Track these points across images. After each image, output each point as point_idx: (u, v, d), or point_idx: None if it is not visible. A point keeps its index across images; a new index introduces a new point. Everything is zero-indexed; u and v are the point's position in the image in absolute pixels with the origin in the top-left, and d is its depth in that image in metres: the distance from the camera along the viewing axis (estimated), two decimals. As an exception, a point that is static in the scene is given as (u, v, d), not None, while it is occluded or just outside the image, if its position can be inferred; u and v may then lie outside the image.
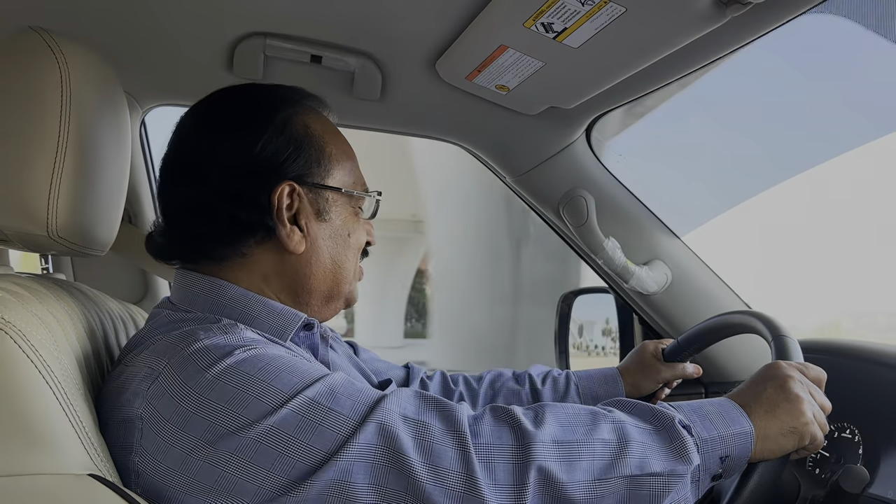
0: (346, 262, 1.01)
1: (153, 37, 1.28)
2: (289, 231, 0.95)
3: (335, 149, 1.01)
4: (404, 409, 0.79)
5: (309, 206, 0.97)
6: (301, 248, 0.96)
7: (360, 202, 1.03)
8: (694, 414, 0.86)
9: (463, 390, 1.34)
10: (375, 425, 0.76)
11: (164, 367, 0.79)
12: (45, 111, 0.85)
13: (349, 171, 1.02)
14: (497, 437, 0.78)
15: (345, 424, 0.76)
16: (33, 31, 0.88)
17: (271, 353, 0.82)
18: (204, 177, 0.95)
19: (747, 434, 0.86)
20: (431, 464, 0.75)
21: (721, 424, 0.85)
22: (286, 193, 0.94)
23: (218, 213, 0.94)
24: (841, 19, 1.10)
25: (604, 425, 0.82)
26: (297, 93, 1.03)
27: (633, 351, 1.40)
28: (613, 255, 1.59)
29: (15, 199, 0.84)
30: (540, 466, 0.77)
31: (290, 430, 0.75)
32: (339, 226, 1.00)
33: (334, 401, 0.77)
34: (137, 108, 1.52)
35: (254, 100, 1.00)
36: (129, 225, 1.60)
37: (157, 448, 0.76)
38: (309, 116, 1.00)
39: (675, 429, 0.82)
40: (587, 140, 1.59)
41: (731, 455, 0.85)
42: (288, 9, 1.20)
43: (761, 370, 0.95)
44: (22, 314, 0.74)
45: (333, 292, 1.01)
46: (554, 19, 1.06)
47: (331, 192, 0.99)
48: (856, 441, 1.16)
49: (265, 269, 0.96)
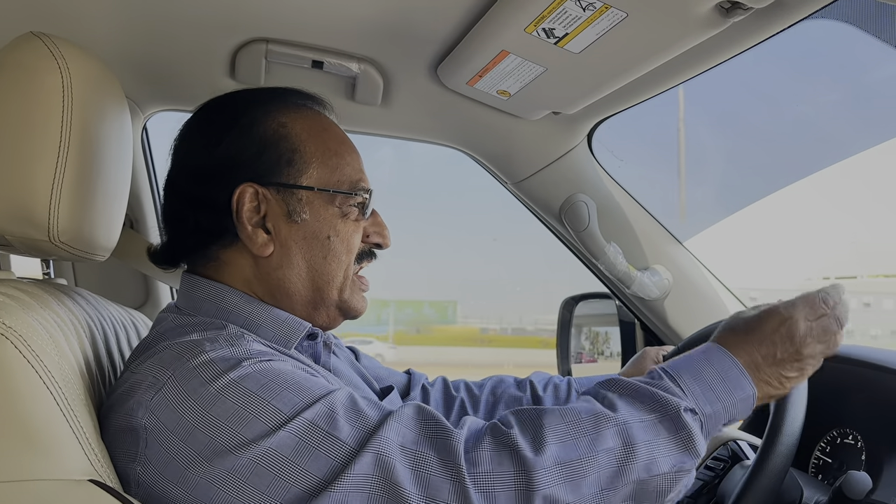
0: (326, 264, 0.96)
1: (155, 42, 1.28)
2: (250, 233, 0.93)
3: (316, 147, 0.97)
4: (403, 438, 0.77)
5: (277, 208, 0.94)
6: (267, 250, 0.94)
7: (348, 201, 0.98)
8: (696, 385, 0.83)
9: (464, 396, 1.33)
10: (372, 456, 0.74)
11: (168, 378, 0.79)
12: (47, 116, 0.85)
13: (333, 170, 0.97)
14: (497, 465, 0.76)
15: (341, 451, 0.75)
16: (35, 36, 0.88)
17: (276, 367, 0.81)
18: (175, 183, 0.98)
19: (750, 397, 0.84)
20: (429, 496, 0.74)
21: (724, 393, 0.83)
22: (248, 195, 0.93)
23: (185, 219, 0.96)
24: (842, 24, 1.11)
25: (606, 432, 0.79)
26: (283, 93, 1.02)
27: (634, 357, 1.40)
28: (615, 261, 1.59)
29: (16, 203, 0.84)
30: (546, 495, 0.75)
31: (287, 452, 0.74)
32: (315, 227, 0.95)
33: (332, 425, 0.76)
34: (139, 114, 1.52)
35: (227, 104, 1.00)
36: (130, 230, 1.60)
37: (158, 459, 0.76)
38: (288, 116, 0.98)
39: (681, 419, 0.80)
40: (588, 145, 1.59)
41: (733, 418, 0.84)
42: (289, 15, 1.20)
43: (762, 313, 0.91)
44: (23, 319, 0.74)
45: (317, 298, 0.97)
46: (555, 25, 1.06)
47: (305, 192, 0.95)
48: (858, 447, 1.16)
49: (244, 273, 0.96)
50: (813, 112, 9.48)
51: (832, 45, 4.33)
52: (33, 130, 0.84)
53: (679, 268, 1.65)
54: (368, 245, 1.02)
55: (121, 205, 1.03)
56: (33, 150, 0.84)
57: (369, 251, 1.03)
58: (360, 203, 0.99)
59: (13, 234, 0.86)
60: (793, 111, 9.63)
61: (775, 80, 8.14)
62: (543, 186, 1.64)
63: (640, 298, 1.66)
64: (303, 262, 0.95)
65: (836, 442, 1.20)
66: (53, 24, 1.16)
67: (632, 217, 1.64)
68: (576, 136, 1.55)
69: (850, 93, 7.28)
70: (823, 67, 8.87)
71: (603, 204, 1.61)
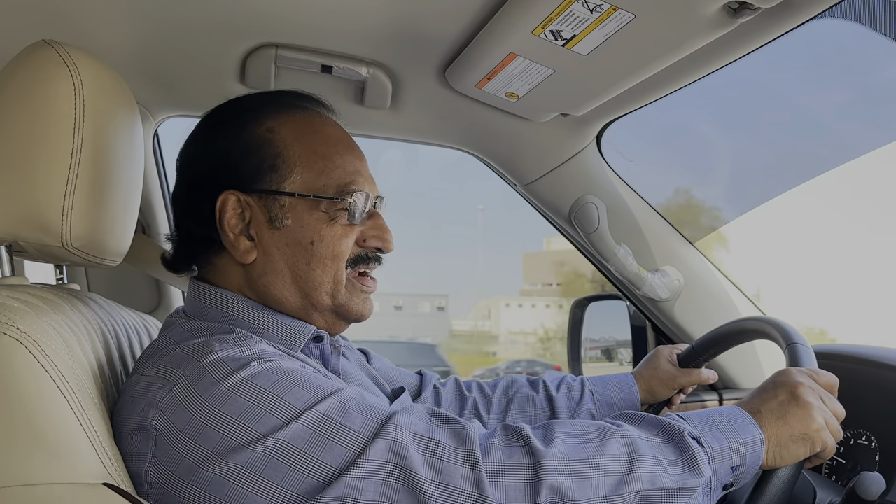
0: (310, 271, 0.94)
1: (165, 49, 1.29)
2: (233, 240, 0.94)
3: (301, 150, 0.95)
4: (415, 427, 0.78)
5: (260, 214, 0.94)
6: (249, 257, 0.94)
7: (335, 206, 0.95)
8: (703, 424, 0.85)
9: (477, 397, 1.32)
10: (386, 442, 0.75)
11: (179, 379, 0.80)
12: (59, 123, 0.86)
13: (319, 174, 0.95)
14: (508, 456, 0.78)
15: (355, 441, 0.76)
16: (47, 44, 0.89)
17: (286, 366, 0.82)
18: (174, 192, 1.01)
19: (758, 442, 0.85)
20: (442, 482, 0.75)
21: (731, 433, 0.84)
22: (231, 203, 0.93)
23: (181, 226, 0.99)
24: (851, 23, 1.10)
25: (614, 441, 0.81)
26: (278, 97, 1.01)
27: (648, 356, 1.39)
28: (625, 262, 1.59)
29: (30, 210, 0.85)
30: (552, 485, 0.76)
31: (301, 444, 0.75)
32: (298, 233, 0.94)
33: (345, 416, 0.77)
34: (150, 120, 1.53)
35: (222, 111, 1.01)
36: (142, 235, 1.62)
37: (170, 459, 0.77)
38: (278, 120, 0.97)
39: (685, 441, 0.82)
40: (598, 147, 1.59)
41: (742, 464, 0.84)
42: (299, 20, 1.20)
43: (772, 377, 0.94)
44: (37, 324, 0.75)
45: (307, 304, 0.96)
46: (563, 27, 1.06)
47: (286, 198, 0.94)
48: (872, 447, 1.15)
49: (237, 279, 0.97)
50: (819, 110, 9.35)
51: (841, 44, 4.27)
52: (46, 137, 0.85)
53: (690, 269, 1.65)
54: (367, 249, 0.99)
55: (133, 210, 1.04)
56: (46, 156, 0.85)
57: (368, 255, 0.99)
58: (349, 207, 0.95)
59: (27, 240, 0.87)
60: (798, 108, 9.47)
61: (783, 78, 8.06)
62: (553, 188, 1.64)
63: (651, 300, 1.65)
64: (286, 268, 0.94)
65: (850, 442, 1.19)
66: (65, 32, 1.17)
67: (642, 218, 1.64)
68: (585, 138, 1.55)
69: (859, 92, 7.18)
70: (832, 66, 8.74)
71: (613, 205, 1.60)
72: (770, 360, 1.63)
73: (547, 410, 1.30)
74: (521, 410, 1.30)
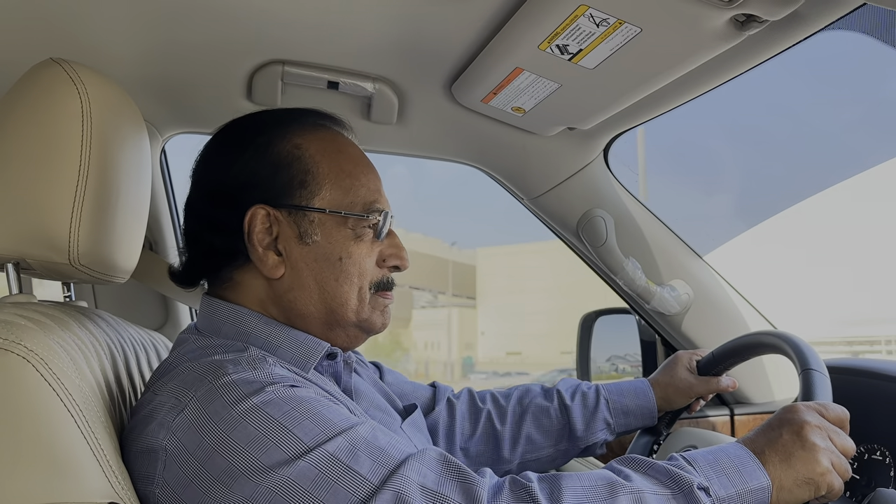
0: (338, 286, 0.95)
1: (172, 66, 1.30)
2: (261, 255, 0.93)
3: (329, 168, 0.97)
4: (424, 478, 0.76)
5: (289, 230, 0.94)
6: (278, 272, 0.94)
7: (361, 223, 0.97)
8: (711, 470, 0.83)
9: (491, 408, 1.30)
10: (392, 494, 0.73)
11: (190, 400, 0.79)
12: (67, 140, 0.86)
13: (346, 191, 0.97)
14: None
15: (361, 486, 0.74)
16: (54, 62, 0.89)
17: (299, 395, 0.80)
18: (192, 204, 1.00)
19: (765, 489, 0.83)
20: None
21: (738, 480, 0.83)
22: (260, 217, 0.93)
23: (200, 240, 0.98)
24: (859, 35, 1.10)
25: (622, 498, 0.79)
26: (301, 114, 1.02)
27: (666, 362, 1.36)
28: (634, 276, 1.58)
29: (37, 227, 0.85)
30: None
31: (306, 484, 0.73)
32: (327, 249, 0.95)
33: (354, 459, 0.76)
34: (157, 137, 1.54)
35: (245, 125, 1.01)
36: (149, 252, 1.62)
37: (177, 481, 0.76)
38: (304, 137, 0.98)
39: (694, 495, 0.80)
40: (605, 160, 1.59)
41: None
42: (305, 37, 1.21)
43: (778, 413, 0.92)
44: (44, 342, 0.74)
45: (332, 319, 0.96)
46: (569, 41, 1.06)
47: (317, 214, 0.95)
48: (887, 463, 1.14)
49: (259, 294, 0.96)
50: (828, 123, 9.12)
51: (849, 56, 4.18)
52: (53, 155, 0.85)
53: (699, 282, 1.64)
54: (385, 270, 1.00)
55: (140, 227, 1.04)
56: (54, 174, 0.85)
57: (388, 281, 1.01)
58: (374, 225, 0.97)
59: (34, 257, 0.87)
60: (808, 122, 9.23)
61: (790, 92, 7.85)
62: (560, 202, 1.64)
63: (660, 314, 1.64)
64: (314, 284, 0.95)
65: (865, 458, 1.17)
66: (72, 51, 1.17)
67: (650, 232, 1.63)
68: (592, 152, 1.55)
69: (868, 103, 6.97)
70: (840, 78, 8.53)
71: (620, 219, 1.60)
72: (782, 378, 1.62)
73: (562, 420, 1.28)
74: (536, 421, 1.29)
